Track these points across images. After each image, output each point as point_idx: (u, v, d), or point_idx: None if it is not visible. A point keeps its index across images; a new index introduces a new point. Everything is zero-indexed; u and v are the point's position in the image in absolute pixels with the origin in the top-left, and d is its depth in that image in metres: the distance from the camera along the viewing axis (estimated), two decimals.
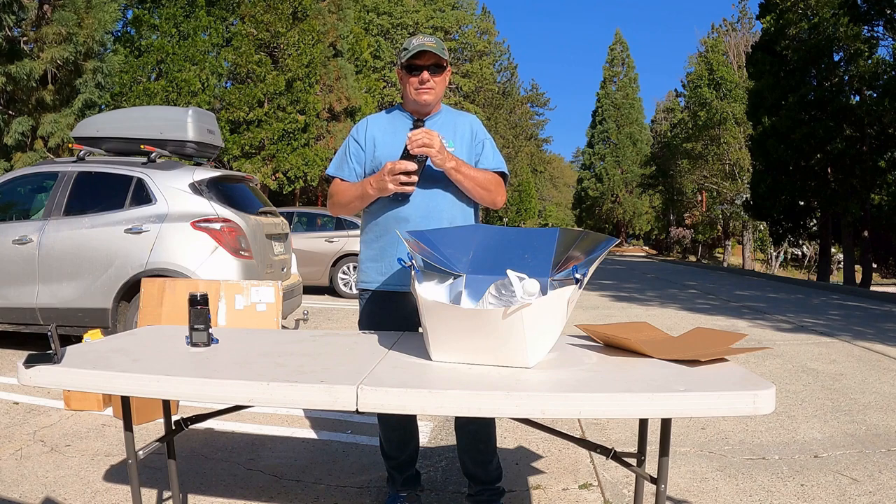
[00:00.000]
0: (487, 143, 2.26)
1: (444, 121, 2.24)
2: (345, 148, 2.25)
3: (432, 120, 2.22)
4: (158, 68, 16.41)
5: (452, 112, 2.30)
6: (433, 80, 2.14)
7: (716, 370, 1.57)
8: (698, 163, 30.05)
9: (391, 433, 2.34)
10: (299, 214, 10.65)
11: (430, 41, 2.12)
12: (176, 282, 4.03)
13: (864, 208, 15.96)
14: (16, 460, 2.88)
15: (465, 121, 2.27)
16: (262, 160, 17.19)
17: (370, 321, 2.24)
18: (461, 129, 2.23)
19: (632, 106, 42.84)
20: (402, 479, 2.38)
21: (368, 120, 2.27)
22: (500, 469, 2.38)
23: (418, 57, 2.10)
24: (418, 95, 2.14)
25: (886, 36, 15.53)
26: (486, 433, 2.29)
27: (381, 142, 2.19)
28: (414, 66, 2.12)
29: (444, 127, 2.20)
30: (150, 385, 1.50)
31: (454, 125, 2.23)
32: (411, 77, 2.14)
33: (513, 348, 1.57)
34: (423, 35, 2.21)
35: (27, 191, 5.44)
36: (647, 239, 44.57)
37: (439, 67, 2.14)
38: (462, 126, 2.24)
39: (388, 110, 2.30)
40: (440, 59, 2.12)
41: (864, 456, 3.12)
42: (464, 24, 36.19)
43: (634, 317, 8.19)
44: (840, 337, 6.70)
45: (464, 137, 2.22)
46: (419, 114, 2.20)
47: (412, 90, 2.14)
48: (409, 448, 2.37)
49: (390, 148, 2.14)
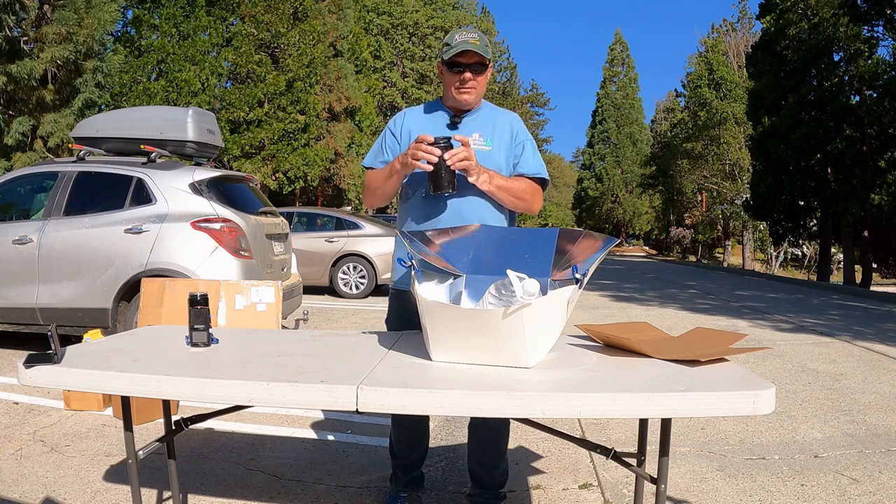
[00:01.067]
0: (528, 145, 2.18)
1: (484, 118, 2.17)
2: (381, 139, 2.21)
3: (471, 117, 2.15)
4: (158, 68, 16.41)
5: (492, 109, 2.22)
6: (475, 80, 2.07)
7: (716, 370, 1.57)
8: (698, 163, 30.05)
9: (402, 433, 2.33)
10: (299, 214, 10.66)
11: (474, 37, 2.04)
12: (176, 282, 4.03)
13: (864, 208, 15.96)
14: (16, 460, 2.88)
15: (506, 119, 2.19)
16: (262, 160, 17.20)
17: (398, 319, 2.21)
18: (500, 128, 2.16)
19: (632, 106, 42.83)
20: (406, 479, 2.37)
21: (406, 112, 2.22)
22: (507, 476, 2.36)
23: (461, 55, 2.03)
24: (459, 95, 2.08)
25: (886, 36, 15.53)
26: (497, 438, 2.27)
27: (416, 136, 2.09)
28: (456, 64, 2.05)
29: (483, 125, 2.14)
30: (150, 385, 1.50)
31: (493, 123, 2.16)
32: (452, 74, 2.07)
33: (513, 348, 1.57)
34: (467, 31, 2.09)
35: (27, 191, 5.44)
36: (647, 239, 44.57)
37: (482, 66, 2.07)
38: (502, 124, 2.17)
39: (427, 105, 2.23)
40: (483, 58, 2.05)
41: (864, 456, 3.12)
42: (464, 24, 36.16)
43: (634, 317, 8.18)
44: (840, 337, 6.70)
45: (503, 137, 2.15)
46: (458, 111, 2.14)
47: (453, 88, 2.08)
48: (417, 450, 2.36)
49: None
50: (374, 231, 9.92)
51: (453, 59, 2.04)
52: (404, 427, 2.31)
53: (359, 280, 9.71)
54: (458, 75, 2.06)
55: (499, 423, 2.23)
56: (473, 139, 2.09)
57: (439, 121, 2.15)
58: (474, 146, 2.07)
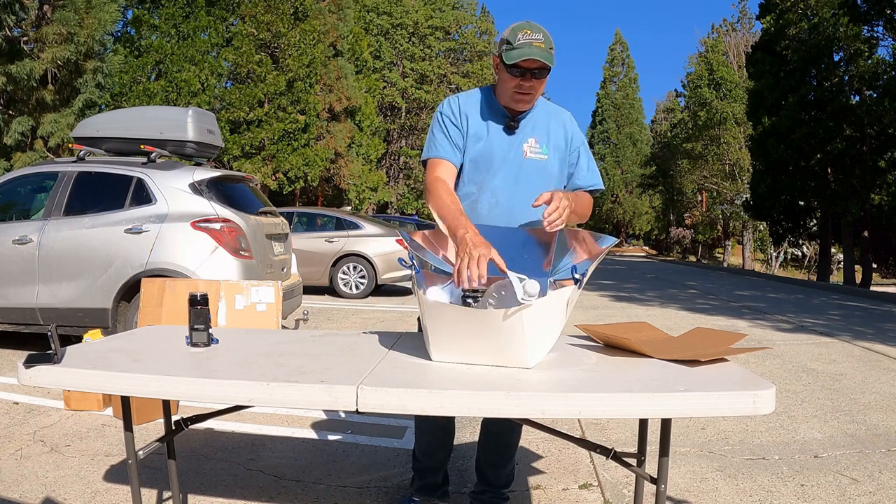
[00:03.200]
0: (583, 152, 2.07)
1: (538, 120, 2.04)
2: (440, 128, 2.01)
3: (526, 118, 2.02)
4: (158, 68, 16.41)
5: (545, 107, 2.07)
6: (536, 86, 1.92)
7: (716, 370, 1.57)
8: (698, 163, 30.05)
9: (421, 436, 2.30)
10: (299, 214, 10.66)
11: (539, 40, 1.84)
12: (176, 282, 4.03)
13: (864, 208, 15.96)
14: (16, 460, 2.88)
15: (559, 121, 2.06)
16: (262, 160, 17.20)
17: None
18: (555, 132, 2.04)
19: (632, 106, 42.84)
20: (421, 483, 2.34)
21: (459, 100, 2.04)
22: (512, 477, 2.36)
23: (526, 61, 1.87)
24: (514, 101, 1.94)
25: (886, 36, 15.53)
26: (508, 438, 2.26)
27: (472, 130, 1.99)
28: (517, 67, 1.87)
29: (537, 128, 2.02)
30: (150, 385, 1.50)
31: (548, 126, 2.04)
32: (510, 77, 1.90)
33: (513, 349, 1.57)
34: (531, 29, 1.88)
35: (27, 191, 5.44)
36: (647, 239, 44.56)
37: (544, 71, 1.90)
38: (556, 128, 2.04)
39: (480, 93, 2.06)
40: (547, 66, 1.88)
41: (864, 456, 3.12)
42: (464, 24, 36.17)
43: (634, 317, 8.18)
44: (840, 337, 6.70)
45: (558, 144, 2.03)
46: (511, 111, 2.00)
47: (509, 91, 1.92)
48: (435, 456, 2.31)
49: (482, 142, 1.98)
50: (374, 231, 9.92)
51: (517, 63, 1.87)
52: (424, 430, 2.28)
53: (359, 280, 9.71)
54: (516, 79, 1.89)
55: (512, 422, 2.20)
56: (529, 144, 2.01)
57: (495, 121, 2.01)
58: (531, 154, 2.00)
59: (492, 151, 1.99)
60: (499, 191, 2.00)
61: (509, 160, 2.00)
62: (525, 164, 2.00)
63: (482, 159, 1.99)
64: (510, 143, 2.01)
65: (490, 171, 2.00)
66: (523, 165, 2.00)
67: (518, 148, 2.00)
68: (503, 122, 2.01)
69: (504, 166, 1.99)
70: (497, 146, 1.99)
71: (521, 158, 2.00)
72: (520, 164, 2.00)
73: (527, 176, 1.99)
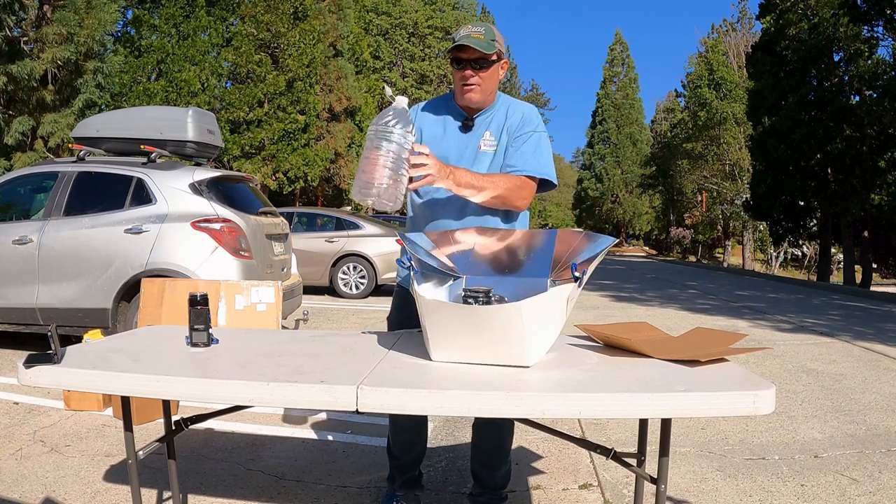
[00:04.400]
0: (532, 138, 2.04)
1: (496, 116, 2.08)
2: None
3: (484, 116, 2.08)
4: (158, 68, 16.42)
5: (507, 103, 2.11)
6: (479, 76, 1.96)
7: (716, 370, 1.57)
8: (698, 163, 30.05)
9: (399, 434, 2.33)
10: (299, 214, 10.66)
11: (478, 31, 1.93)
12: (176, 282, 4.03)
13: (864, 208, 15.96)
14: (16, 460, 2.88)
15: (517, 111, 2.08)
16: (262, 160, 17.20)
17: (400, 317, 2.19)
18: (510, 123, 2.06)
19: (632, 106, 42.84)
20: (402, 479, 2.38)
21: (417, 110, 2.13)
22: (508, 477, 2.36)
23: (460, 50, 1.93)
24: (463, 94, 2.00)
25: (886, 36, 15.53)
26: (500, 439, 2.27)
27: (427, 135, 2.08)
28: (457, 60, 1.96)
29: (494, 123, 2.07)
30: (150, 385, 1.49)
31: (504, 119, 2.07)
32: (456, 71, 1.99)
33: (512, 346, 1.57)
34: (474, 24, 1.97)
35: (27, 191, 5.44)
36: (647, 239, 44.56)
37: (486, 61, 1.95)
38: (513, 118, 2.07)
39: (440, 100, 2.14)
40: (485, 55, 1.93)
41: (864, 456, 3.12)
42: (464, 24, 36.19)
43: (634, 317, 8.18)
44: (840, 337, 6.70)
45: (510, 132, 2.06)
46: (469, 109, 2.06)
47: (458, 86, 2.00)
48: (413, 451, 2.36)
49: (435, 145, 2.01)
50: (374, 231, 9.92)
51: (453, 54, 1.96)
52: (401, 428, 2.32)
53: (359, 280, 9.71)
54: (460, 72, 1.98)
55: (503, 424, 2.23)
56: (485, 139, 2.06)
57: (451, 123, 2.09)
58: (484, 147, 2.05)
59: (448, 151, 2.05)
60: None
61: (466, 157, 2.06)
62: (479, 157, 2.06)
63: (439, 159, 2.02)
64: (466, 140, 2.08)
65: None
66: (477, 158, 2.06)
67: (474, 144, 2.07)
68: (460, 121, 2.09)
69: (461, 163, 2.04)
70: (453, 145, 2.07)
71: (475, 153, 2.06)
72: (474, 159, 2.06)
73: (479, 167, 2.04)
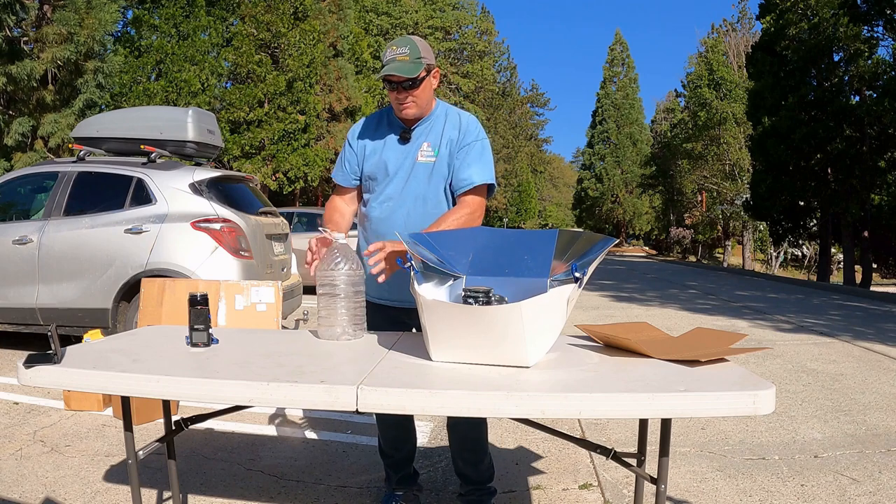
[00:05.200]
0: (475, 147, 2.10)
1: (434, 126, 2.13)
2: (342, 153, 2.24)
3: (421, 127, 2.13)
4: (158, 68, 16.42)
5: (444, 112, 2.17)
6: (411, 95, 2.03)
7: (716, 370, 1.57)
8: (698, 163, 30.03)
9: (388, 432, 2.36)
10: (299, 214, 10.66)
11: (403, 53, 1.98)
12: (176, 282, 4.03)
13: (864, 208, 15.95)
14: (16, 460, 2.88)
15: (455, 123, 2.14)
16: (262, 160, 17.20)
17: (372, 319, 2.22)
18: (448, 134, 2.12)
19: (632, 106, 42.84)
20: (398, 477, 2.40)
21: (362, 123, 2.23)
22: (492, 469, 2.38)
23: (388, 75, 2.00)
24: (400, 112, 2.08)
25: (886, 36, 15.52)
26: (477, 434, 2.29)
27: (369, 149, 2.16)
28: (389, 81, 2.02)
29: (432, 133, 2.12)
30: (150, 385, 1.49)
31: (442, 129, 2.13)
32: (390, 91, 2.05)
33: (512, 346, 1.57)
34: (398, 44, 2.02)
35: (27, 191, 5.44)
36: (647, 239, 44.55)
37: (416, 81, 2.01)
38: (450, 130, 2.13)
39: (378, 115, 2.22)
40: (412, 78, 1.99)
41: (864, 456, 3.12)
42: (464, 24, 36.20)
43: (634, 317, 8.18)
44: (840, 337, 6.70)
45: (450, 144, 2.11)
46: (407, 122, 2.13)
47: (394, 103, 2.08)
48: (405, 447, 2.38)
49: (377, 157, 2.14)
50: None
51: (385, 76, 2.01)
52: (390, 426, 2.34)
53: None
54: (394, 93, 2.04)
55: (477, 419, 2.25)
56: (423, 150, 2.12)
57: (390, 135, 2.16)
58: (422, 158, 2.11)
59: (386, 162, 2.13)
60: (392, 195, 2.12)
61: (404, 168, 2.12)
62: (416, 168, 2.12)
63: (378, 171, 2.14)
64: (405, 151, 2.14)
65: (385, 181, 2.14)
66: (414, 168, 2.12)
67: (412, 155, 2.13)
68: (398, 133, 2.15)
69: (399, 174, 2.12)
70: (392, 157, 2.13)
71: (413, 163, 2.12)
72: (411, 170, 2.11)
73: (416, 178, 2.11)
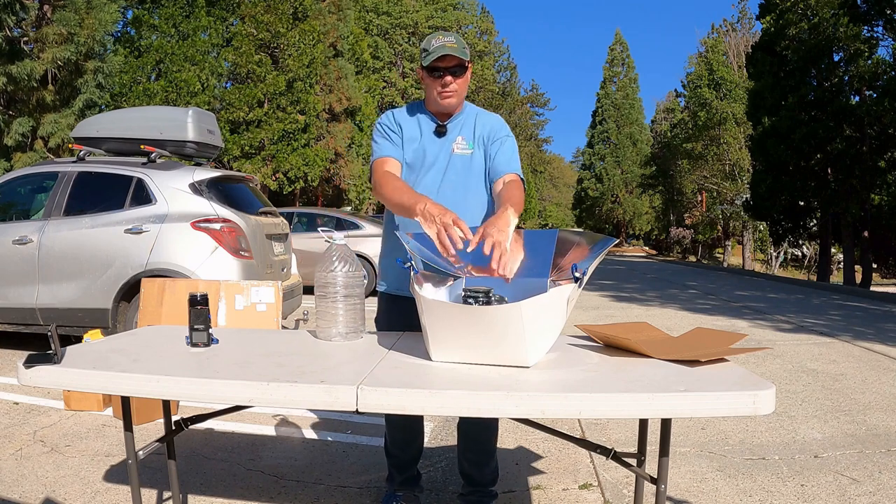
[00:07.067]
0: (507, 142, 2.18)
1: (466, 121, 2.20)
2: (382, 134, 2.18)
3: (455, 121, 2.18)
4: (158, 68, 16.42)
5: (474, 111, 2.24)
6: (456, 83, 2.09)
7: (716, 370, 1.57)
8: (698, 163, 30.02)
9: (395, 432, 2.35)
10: (299, 214, 10.66)
11: (451, 41, 2.05)
12: (176, 282, 4.03)
13: (864, 208, 15.94)
14: (16, 460, 2.88)
15: (486, 120, 2.21)
16: (262, 160, 17.20)
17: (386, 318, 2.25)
18: (479, 129, 2.19)
19: (632, 106, 42.83)
20: (402, 478, 2.39)
21: (394, 113, 2.23)
22: (497, 473, 2.38)
23: (440, 59, 2.05)
24: (442, 99, 2.10)
25: (886, 36, 15.51)
26: (486, 436, 2.29)
27: (407, 135, 2.17)
28: (436, 69, 2.07)
29: (465, 128, 2.18)
30: (150, 385, 1.50)
31: (473, 125, 2.19)
32: (433, 80, 2.09)
33: (512, 346, 1.57)
34: (443, 34, 2.12)
35: (27, 191, 5.44)
36: (647, 239, 44.54)
37: (462, 68, 2.09)
38: (481, 126, 2.19)
39: (410, 107, 2.24)
40: (462, 61, 2.07)
41: (864, 456, 3.12)
42: (464, 24, 36.20)
43: (634, 317, 8.18)
44: (840, 337, 6.70)
45: (481, 138, 2.18)
46: (441, 115, 2.17)
47: (435, 93, 2.10)
48: (411, 449, 2.38)
49: (416, 145, 2.15)
50: (374, 231, 9.92)
51: (433, 63, 2.05)
52: (397, 427, 2.34)
53: None
54: (439, 80, 2.07)
55: (488, 421, 2.26)
56: (457, 143, 2.16)
57: (426, 128, 2.18)
58: (458, 150, 2.15)
59: (424, 153, 2.16)
60: (429, 186, 2.13)
61: (440, 159, 2.16)
62: (453, 160, 2.16)
63: (416, 160, 2.17)
64: (440, 144, 2.18)
65: (422, 171, 2.16)
66: (451, 161, 2.16)
67: (447, 148, 2.17)
68: (433, 127, 2.18)
69: (436, 165, 2.16)
70: (429, 148, 2.17)
71: (449, 156, 2.16)
72: (448, 161, 2.15)
73: (454, 169, 2.16)
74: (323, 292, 1.89)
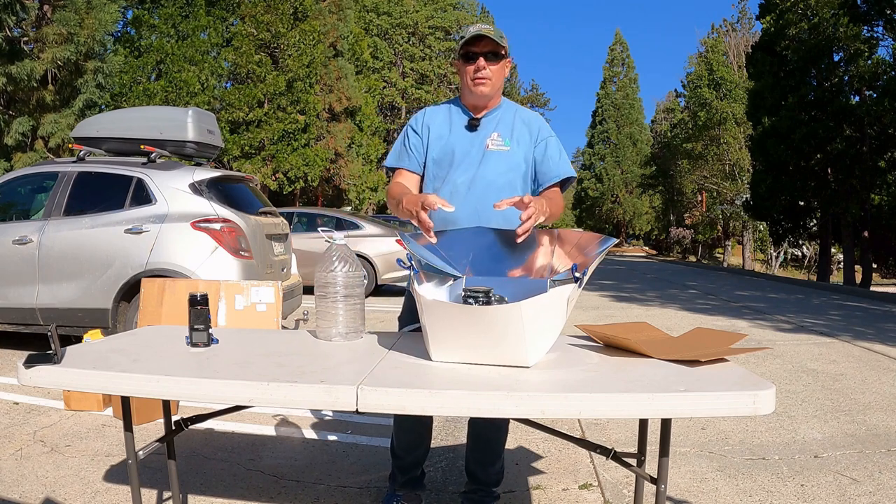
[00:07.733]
0: (552, 143, 2.14)
1: (502, 117, 2.15)
2: (403, 139, 2.19)
3: (490, 116, 2.13)
4: (158, 68, 16.42)
5: (512, 107, 2.19)
6: (490, 69, 2.03)
7: (716, 370, 1.57)
8: (698, 163, 30.04)
9: (403, 434, 2.33)
10: (299, 214, 10.65)
11: (488, 28, 2.03)
12: (176, 282, 4.03)
13: (864, 208, 15.95)
14: (16, 460, 2.88)
15: (525, 119, 2.16)
16: (262, 160, 17.20)
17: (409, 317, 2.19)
18: (519, 128, 2.14)
19: (632, 106, 42.82)
20: (404, 479, 2.38)
21: (426, 110, 2.21)
22: (502, 475, 2.37)
23: (474, 43, 2.00)
24: (474, 86, 2.05)
25: (886, 36, 15.52)
26: (495, 436, 2.29)
27: (434, 133, 2.14)
28: (470, 54, 2.03)
29: (502, 123, 2.13)
30: (150, 385, 1.50)
31: (512, 122, 2.14)
32: (467, 66, 2.04)
33: (512, 346, 1.57)
34: (479, 23, 2.15)
35: (27, 191, 5.44)
36: (647, 239, 44.54)
37: (497, 56, 2.04)
38: (520, 125, 2.14)
39: (446, 103, 2.21)
40: (497, 47, 2.02)
41: (864, 456, 3.12)
42: (464, 24, 36.15)
43: (634, 317, 8.18)
44: (840, 337, 6.70)
45: (522, 137, 2.13)
46: (476, 108, 2.13)
47: (468, 80, 2.05)
48: (416, 451, 2.36)
49: (443, 141, 2.11)
50: (374, 231, 9.92)
51: (467, 48, 2.02)
52: (406, 429, 2.31)
53: None
54: (472, 64, 2.03)
55: (499, 421, 2.25)
56: (492, 139, 2.10)
57: (458, 121, 2.14)
58: (493, 147, 2.10)
59: (453, 147, 2.10)
60: (459, 182, 2.09)
61: (471, 154, 2.10)
62: (487, 155, 2.10)
63: (444, 156, 2.12)
64: (472, 139, 2.12)
65: (452, 166, 2.11)
66: (485, 156, 2.09)
67: (480, 143, 2.11)
68: (466, 121, 2.13)
69: (466, 160, 2.09)
70: (458, 143, 2.11)
71: (483, 151, 2.10)
72: (481, 157, 2.09)
73: (487, 166, 2.09)
74: (323, 292, 1.89)
